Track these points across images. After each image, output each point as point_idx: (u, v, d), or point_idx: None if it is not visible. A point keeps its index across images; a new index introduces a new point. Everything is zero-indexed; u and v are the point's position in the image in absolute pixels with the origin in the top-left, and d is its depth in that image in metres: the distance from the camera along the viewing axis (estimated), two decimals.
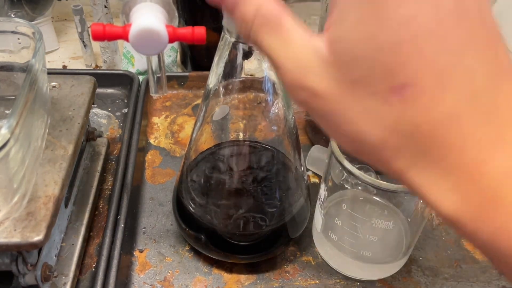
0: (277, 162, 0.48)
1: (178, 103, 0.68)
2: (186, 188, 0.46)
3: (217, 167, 0.47)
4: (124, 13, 0.37)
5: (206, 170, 0.47)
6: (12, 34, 0.42)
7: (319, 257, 0.49)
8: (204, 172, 0.47)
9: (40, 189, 0.39)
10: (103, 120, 0.64)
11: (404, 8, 0.18)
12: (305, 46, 0.21)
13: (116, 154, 0.59)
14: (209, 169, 0.47)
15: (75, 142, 0.44)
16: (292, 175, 0.47)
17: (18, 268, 0.38)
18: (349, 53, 0.20)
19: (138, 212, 0.53)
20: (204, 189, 0.46)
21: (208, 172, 0.47)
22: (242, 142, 0.48)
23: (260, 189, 0.45)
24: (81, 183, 0.52)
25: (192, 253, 0.49)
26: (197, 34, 0.35)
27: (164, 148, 0.61)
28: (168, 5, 0.38)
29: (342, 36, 0.20)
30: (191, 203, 0.45)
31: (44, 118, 0.43)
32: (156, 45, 0.34)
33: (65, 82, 0.51)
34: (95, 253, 0.48)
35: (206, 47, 0.70)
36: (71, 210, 0.49)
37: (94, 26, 0.33)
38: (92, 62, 0.75)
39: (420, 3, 0.18)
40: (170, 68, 0.73)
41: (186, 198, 0.46)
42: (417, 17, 0.18)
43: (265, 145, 0.48)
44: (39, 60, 0.39)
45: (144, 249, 0.49)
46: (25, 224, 0.37)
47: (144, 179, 0.56)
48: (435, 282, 0.47)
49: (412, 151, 0.20)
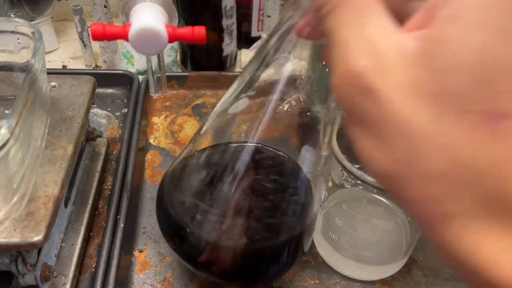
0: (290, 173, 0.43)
1: (178, 103, 0.68)
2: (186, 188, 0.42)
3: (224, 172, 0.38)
4: (124, 13, 0.37)
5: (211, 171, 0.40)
6: (12, 34, 0.42)
7: (319, 258, 0.49)
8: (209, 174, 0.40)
9: (40, 189, 0.39)
10: (103, 120, 0.64)
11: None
12: (387, 39, 0.18)
13: (116, 154, 0.59)
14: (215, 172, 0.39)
15: (75, 142, 0.44)
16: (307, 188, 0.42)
17: (18, 268, 0.38)
18: (451, 59, 0.16)
19: (138, 212, 0.52)
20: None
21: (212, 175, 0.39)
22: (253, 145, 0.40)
23: (273, 206, 0.40)
24: (81, 183, 0.52)
25: None
26: (197, 34, 0.35)
27: (164, 148, 0.61)
28: (168, 5, 0.38)
29: (451, 39, 0.16)
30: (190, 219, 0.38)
31: (43, 118, 0.43)
32: (156, 45, 0.34)
33: (65, 82, 0.51)
34: (95, 253, 0.48)
35: (206, 47, 0.71)
36: (71, 210, 0.49)
37: (94, 26, 0.33)
38: (92, 62, 0.75)
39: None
40: (170, 68, 0.73)
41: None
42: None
43: (277, 152, 0.44)
44: (39, 60, 0.39)
45: (144, 249, 0.49)
46: (24, 224, 0.37)
47: (144, 179, 0.56)
48: (435, 282, 0.47)
49: (477, 197, 0.16)
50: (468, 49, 0.16)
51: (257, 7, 0.72)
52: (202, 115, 0.65)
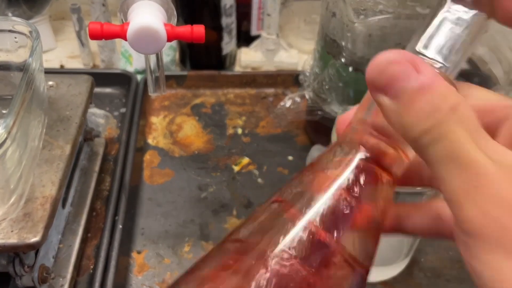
0: None
1: (177, 103, 0.67)
2: None
3: None
4: (122, 12, 0.36)
5: None
6: (9, 33, 0.42)
7: None
8: None
9: (37, 189, 0.39)
10: (101, 120, 0.64)
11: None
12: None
13: (114, 154, 0.59)
14: None
15: (72, 142, 0.44)
16: None
17: (15, 270, 0.38)
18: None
19: (136, 213, 0.52)
20: None
21: None
22: None
23: None
24: (79, 183, 0.52)
25: (191, 254, 0.48)
26: (196, 32, 0.35)
27: (162, 148, 0.60)
28: (167, 4, 0.37)
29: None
30: None
31: (41, 118, 0.43)
32: (154, 44, 0.34)
33: (63, 82, 0.51)
34: (93, 255, 0.47)
35: (205, 46, 0.70)
36: (69, 211, 0.49)
37: (91, 24, 0.33)
38: (90, 61, 0.75)
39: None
40: (169, 67, 0.73)
41: None
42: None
43: None
44: (36, 59, 0.38)
45: (142, 250, 0.48)
46: (22, 225, 0.36)
47: (142, 179, 0.56)
48: (437, 283, 0.47)
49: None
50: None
51: (256, 5, 0.72)
52: (201, 115, 0.65)
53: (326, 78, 0.52)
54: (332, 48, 0.51)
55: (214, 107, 0.67)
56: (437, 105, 0.16)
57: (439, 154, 0.16)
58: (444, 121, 0.16)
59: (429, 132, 0.16)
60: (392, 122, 0.18)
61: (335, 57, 0.50)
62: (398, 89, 0.17)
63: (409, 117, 0.17)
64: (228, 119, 0.65)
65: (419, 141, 0.17)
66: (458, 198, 0.16)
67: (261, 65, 0.74)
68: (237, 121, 0.64)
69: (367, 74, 0.18)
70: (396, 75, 0.17)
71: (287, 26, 0.79)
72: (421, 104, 0.17)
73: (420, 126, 0.17)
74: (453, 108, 0.16)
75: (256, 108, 0.66)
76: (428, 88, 0.17)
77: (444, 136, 0.16)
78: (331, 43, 0.51)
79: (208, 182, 0.56)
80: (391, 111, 0.18)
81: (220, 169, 0.58)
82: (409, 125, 0.17)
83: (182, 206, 0.53)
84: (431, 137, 0.16)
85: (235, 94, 0.69)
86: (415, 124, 0.17)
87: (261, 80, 0.69)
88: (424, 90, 0.17)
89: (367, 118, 0.20)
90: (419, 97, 0.17)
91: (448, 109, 0.16)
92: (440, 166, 0.17)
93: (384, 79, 0.17)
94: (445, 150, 0.16)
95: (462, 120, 0.16)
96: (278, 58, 0.74)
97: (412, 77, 0.17)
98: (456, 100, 0.17)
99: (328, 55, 0.52)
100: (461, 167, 0.16)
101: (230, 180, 0.57)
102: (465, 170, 0.16)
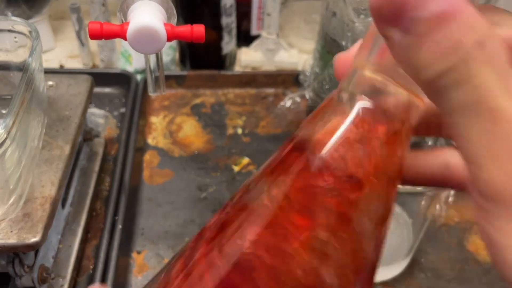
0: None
1: (177, 103, 0.67)
2: None
3: None
4: (122, 11, 0.36)
5: None
6: (9, 32, 0.42)
7: None
8: None
9: (37, 189, 0.39)
10: (101, 120, 0.64)
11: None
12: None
13: (113, 154, 0.59)
14: None
15: (72, 142, 0.44)
16: None
17: (15, 270, 0.38)
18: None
19: (136, 213, 0.52)
20: None
21: None
22: None
23: None
24: (78, 183, 0.52)
25: None
26: (196, 32, 0.35)
27: (162, 148, 0.60)
28: (167, 3, 0.37)
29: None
30: None
31: (40, 118, 0.42)
32: (154, 44, 0.34)
33: (62, 81, 0.51)
34: (93, 255, 0.47)
35: (205, 46, 0.70)
36: (68, 211, 0.49)
37: (91, 24, 0.33)
38: (90, 61, 0.75)
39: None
40: (169, 67, 0.73)
41: None
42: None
43: None
44: (35, 59, 0.38)
45: (142, 250, 0.48)
46: (21, 225, 0.36)
47: (142, 179, 0.56)
48: (437, 284, 0.47)
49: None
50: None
51: (256, 5, 0.72)
52: (201, 115, 0.65)
53: (326, 78, 0.52)
54: (333, 48, 0.50)
55: (214, 107, 0.66)
56: (461, 39, 0.13)
57: (460, 101, 0.13)
58: (468, 60, 0.13)
59: (448, 74, 0.13)
60: (403, 61, 0.15)
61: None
62: (411, 19, 0.14)
63: (424, 54, 0.14)
64: (228, 119, 0.65)
65: (436, 84, 0.14)
66: (479, 155, 0.13)
67: (261, 65, 0.74)
68: (237, 121, 0.64)
69: (372, 1, 0.14)
70: (408, 0, 0.14)
71: (287, 25, 0.79)
72: (440, 37, 0.13)
73: (438, 66, 0.14)
74: (481, 43, 0.13)
75: (256, 108, 0.66)
76: (450, 17, 0.13)
77: (467, 79, 0.13)
78: (331, 43, 0.51)
79: (208, 182, 0.56)
80: (401, 48, 0.14)
81: (220, 169, 0.58)
82: (424, 64, 0.14)
83: (182, 206, 0.53)
84: (451, 80, 0.13)
85: (235, 94, 0.68)
86: (432, 63, 0.14)
87: (261, 80, 0.69)
88: (444, 19, 0.13)
89: (371, 58, 0.17)
90: (437, 28, 0.13)
91: (474, 44, 0.13)
92: (459, 116, 0.14)
93: (393, 7, 0.14)
94: (468, 97, 0.13)
95: (490, 59, 0.13)
96: (278, 58, 0.73)
97: (429, 2, 0.13)
98: (484, 32, 0.13)
99: (328, 54, 0.51)
100: (487, 118, 0.13)
101: (230, 180, 0.56)
102: (492, 122, 0.13)
